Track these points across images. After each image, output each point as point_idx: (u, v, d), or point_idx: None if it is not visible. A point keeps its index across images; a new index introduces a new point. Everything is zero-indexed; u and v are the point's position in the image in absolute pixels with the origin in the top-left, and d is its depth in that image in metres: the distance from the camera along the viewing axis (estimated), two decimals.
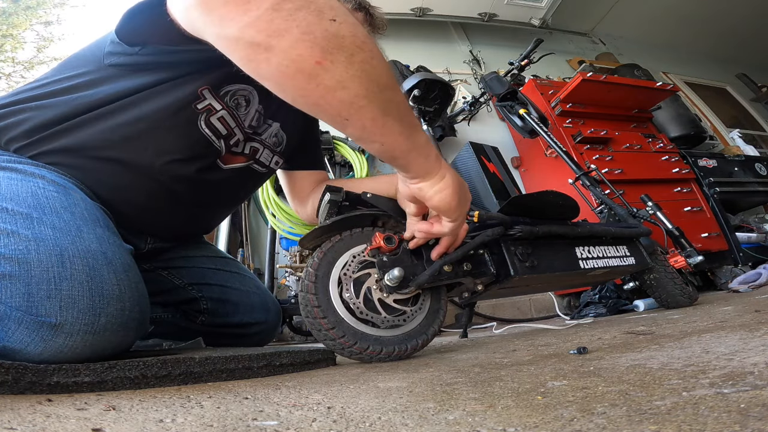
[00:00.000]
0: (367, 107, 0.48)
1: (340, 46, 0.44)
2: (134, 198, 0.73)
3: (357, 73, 0.45)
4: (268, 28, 0.42)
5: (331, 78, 0.45)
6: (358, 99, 0.47)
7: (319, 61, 0.44)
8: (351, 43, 0.45)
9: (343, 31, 0.44)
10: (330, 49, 0.44)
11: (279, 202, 2.09)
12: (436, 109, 2.15)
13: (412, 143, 0.55)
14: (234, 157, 0.83)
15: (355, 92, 0.46)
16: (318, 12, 0.43)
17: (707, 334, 0.56)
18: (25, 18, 3.22)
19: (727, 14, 4.20)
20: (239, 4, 0.42)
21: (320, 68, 0.44)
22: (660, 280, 1.15)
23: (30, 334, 0.46)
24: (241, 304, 0.96)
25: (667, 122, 2.90)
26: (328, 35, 0.43)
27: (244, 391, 0.45)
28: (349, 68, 0.45)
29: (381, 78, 0.48)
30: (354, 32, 0.45)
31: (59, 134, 0.66)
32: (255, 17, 0.42)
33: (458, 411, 0.31)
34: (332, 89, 0.45)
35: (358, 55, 0.45)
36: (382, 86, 0.48)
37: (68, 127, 0.67)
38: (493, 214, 0.80)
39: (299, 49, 0.43)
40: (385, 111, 0.49)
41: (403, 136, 0.53)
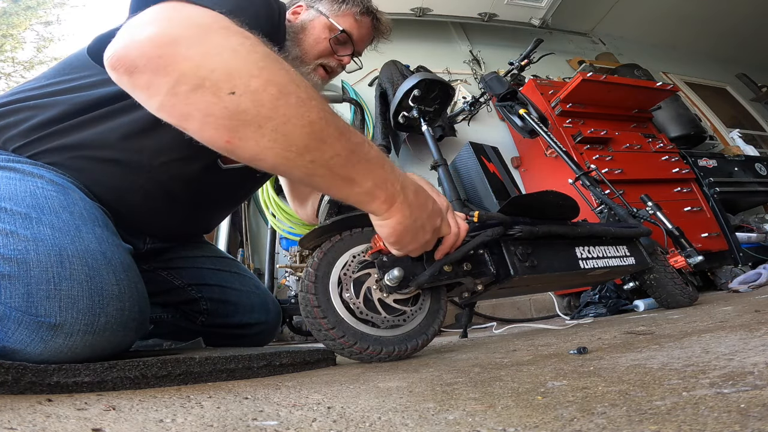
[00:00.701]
0: (289, 173, 0.49)
1: (245, 121, 0.43)
2: (132, 198, 0.73)
3: (270, 145, 0.45)
4: (173, 112, 0.44)
5: (245, 152, 0.45)
6: (277, 168, 0.48)
7: (228, 140, 0.44)
8: (256, 115, 0.43)
9: (244, 104, 0.43)
10: (235, 127, 0.43)
11: (279, 202, 2.09)
12: (436, 109, 2.15)
13: (346, 194, 0.54)
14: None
15: (272, 162, 0.46)
16: (215, 89, 0.42)
17: (707, 334, 0.56)
18: (25, 18, 3.22)
19: (727, 14, 4.20)
20: (143, 89, 0.44)
21: (232, 146, 0.45)
22: (660, 280, 1.15)
23: (30, 334, 0.46)
24: (240, 305, 0.96)
25: (667, 122, 2.90)
26: (228, 113, 0.43)
27: (244, 391, 0.45)
28: (261, 141, 0.44)
29: (299, 142, 0.46)
30: (258, 100, 0.43)
31: (57, 134, 0.66)
32: (159, 103, 0.44)
33: (458, 411, 0.31)
34: (251, 161, 0.47)
35: (267, 124, 0.44)
36: (301, 150, 0.46)
37: (66, 127, 0.67)
38: (493, 214, 0.80)
39: (207, 132, 0.44)
40: (309, 173, 0.49)
41: (333, 190, 0.53)
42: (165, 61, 0.42)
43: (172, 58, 0.42)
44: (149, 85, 0.43)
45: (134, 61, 0.43)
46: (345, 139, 0.50)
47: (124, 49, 0.44)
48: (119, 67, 0.44)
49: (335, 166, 0.50)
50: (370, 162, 0.54)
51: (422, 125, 1.98)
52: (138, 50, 0.43)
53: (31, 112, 0.67)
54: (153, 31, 0.43)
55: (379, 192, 0.56)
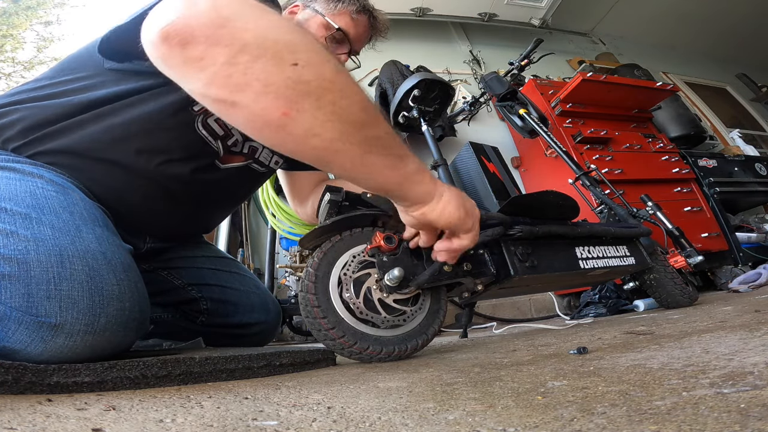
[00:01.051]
0: (344, 150, 0.47)
1: (306, 92, 0.43)
2: (131, 198, 0.73)
3: (327, 118, 0.44)
4: (227, 83, 0.41)
5: (300, 127, 0.44)
6: (332, 143, 0.45)
7: (286, 112, 0.43)
8: (317, 87, 0.43)
9: (306, 76, 0.43)
10: (295, 98, 0.42)
11: (279, 202, 2.09)
12: (436, 109, 2.15)
13: (402, 175, 0.53)
14: (233, 156, 0.83)
15: (328, 137, 0.45)
16: (277, 59, 0.42)
17: (707, 334, 0.56)
18: (26, 18, 3.22)
19: (727, 14, 4.20)
20: (194, 62, 0.41)
21: (287, 119, 0.43)
22: (660, 280, 1.15)
23: (30, 334, 0.46)
24: (240, 304, 0.96)
25: (667, 122, 2.90)
26: (290, 83, 0.42)
27: (244, 391, 0.45)
28: (318, 114, 0.44)
29: (355, 117, 0.46)
30: (319, 73, 0.43)
31: (56, 135, 0.66)
32: (212, 74, 0.41)
33: (458, 411, 0.31)
34: (303, 138, 0.44)
35: (326, 96, 0.43)
36: (357, 125, 0.46)
37: (64, 127, 0.67)
38: (493, 214, 0.80)
39: (263, 103, 0.42)
40: (365, 150, 0.48)
41: (389, 169, 0.52)
42: (227, 32, 0.41)
43: (234, 30, 0.41)
44: (203, 56, 0.41)
45: (194, 31, 0.41)
46: (387, 122, 0.51)
47: (183, 19, 0.41)
48: (174, 37, 0.41)
49: (390, 143, 0.50)
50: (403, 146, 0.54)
51: (422, 125, 1.98)
52: (198, 21, 0.41)
53: (30, 112, 0.67)
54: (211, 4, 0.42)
55: (425, 168, 0.56)
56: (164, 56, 0.43)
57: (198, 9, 0.41)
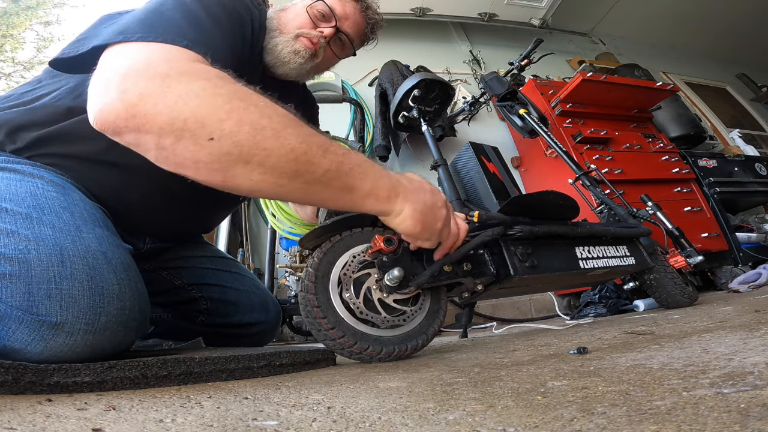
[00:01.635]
0: (289, 194, 0.52)
1: (232, 162, 0.46)
2: (132, 198, 0.73)
3: (260, 177, 0.48)
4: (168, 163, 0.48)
5: (242, 188, 0.49)
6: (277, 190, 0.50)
7: (223, 180, 0.48)
8: (239, 155, 0.46)
9: (225, 147, 0.46)
10: (225, 168, 0.46)
11: (279, 202, 2.09)
12: (436, 109, 2.15)
13: (350, 201, 0.57)
14: None
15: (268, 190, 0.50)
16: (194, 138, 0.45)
17: (707, 334, 0.56)
18: (25, 18, 3.22)
19: (726, 14, 4.20)
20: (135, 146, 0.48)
21: (230, 184, 0.48)
22: (660, 280, 1.15)
23: (30, 333, 0.46)
24: (240, 304, 0.96)
25: (667, 122, 2.90)
26: (214, 158, 0.46)
27: (244, 391, 0.45)
28: (252, 175, 0.48)
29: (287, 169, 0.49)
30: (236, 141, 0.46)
31: (50, 139, 0.66)
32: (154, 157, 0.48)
33: (458, 411, 0.31)
34: (251, 191, 0.50)
35: (253, 159, 0.47)
36: (290, 174, 0.49)
37: (58, 132, 0.66)
38: (493, 214, 0.80)
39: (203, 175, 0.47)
40: (306, 192, 0.52)
41: (333, 201, 0.56)
42: (141, 120, 0.45)
43: (145, 116, 0.45)
44: (138, 142, 0.47)
45: (115, 123, 0.46)
46: (331, 154, 0.53)
47: (101, 113, 0.46)
48: (107, 129, 0.47)
49: (330, 180, 0.53)
50: (360, 166, 0.56)
51: (422, 125, 1.98)
52: (113, 114, 0.46)
53: (26, 115, 0.66)
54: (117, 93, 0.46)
55: (379, 190, 0.58)
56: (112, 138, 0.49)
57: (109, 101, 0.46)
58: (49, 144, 0.66)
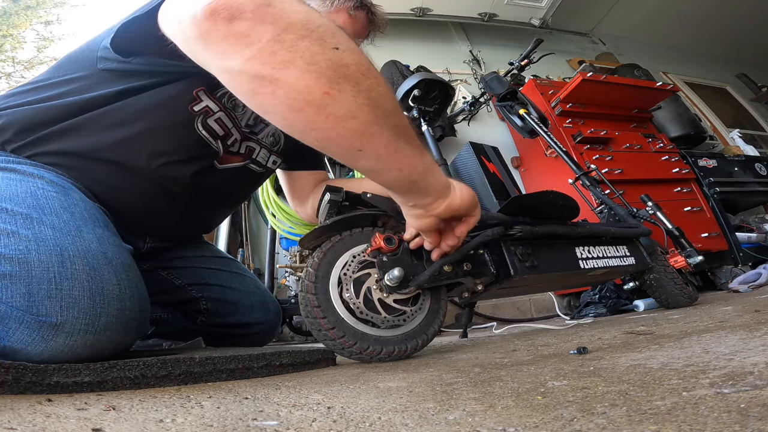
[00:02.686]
0: (379, 134, 0.47)
1: (346, 75, 0.43)
2: (131, 199, 0.73)
3: (365, 101, 0.45)
4: (271, 60, 0.41)
5: (340, 108, 0.44)
6: (369, 126, 0.46)
7: (327, 91, 0.43)
8: (356, 71, 0.44)
9: (347, 59, 0.44)
10: (336, 79, 0.43)
11: (279, 202, 2.09)
12: (436, 109, 2.15)
13: (425, 164, 0.54)
14: (230, 157, 0.83)
15: (365, 120, 0.45)
16: (320, 41, 0.43)
17: (707, 334, 0.56)
18: (25, 18, 3.22)
19: (727, 14, 4.20)
20: (240, 37, 0.41)
21: (329, 98, 0.43)
22: (660, 280, 1.15)
23: (31, 333, 0.46)
24: (240, 304, 0.96)
25: (667, 122, 2.90)
26: (332, 64, 0.43)
27: (244, 391, 0.45)
28: (357, 96, 0.44)
29: (387, 104, 0.47)
30: (357, 59, 0.45)
31: (54, 136, 0.66)
32: (257, 50, 0.41)
33: (458, 411, 0.31)
34: (342, 119, 0.44)
35: (364, 82, 0.45)
36: (389, 112, 0.47)
37: (63, 129, 0.66)
38: (493, 214, 0.80)
39: (306, 80, 0.42)
40: (397, 136, 0.49)
41: (416, 158, 0.53)
42: (273, 11, 0.42)
43: (280, 10, 0.42)
44: (250, 32, 0.41)
45: (242, 6, 0.41)
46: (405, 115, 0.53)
47: None
48: (222, 11, 0.41)
49: (411, 133, 0.52)
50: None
51: (422, 125, 1.98)
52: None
53: (27, 114, 0.66)
54: None
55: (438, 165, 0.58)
56: (205, 32, 0.42)
57: None
58: (53, 140, 0.66)
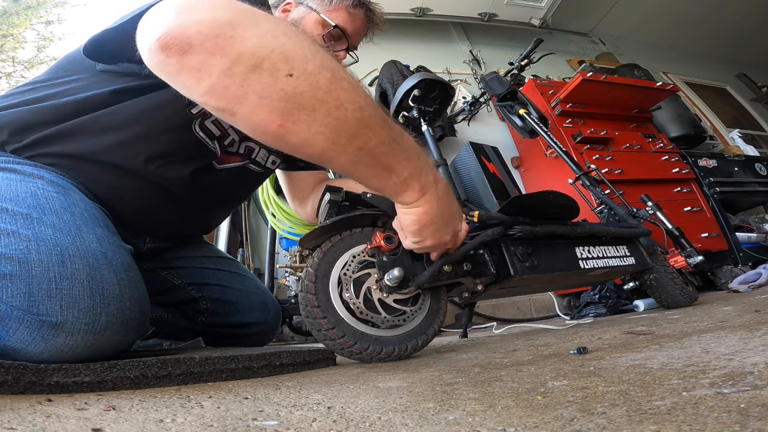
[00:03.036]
0: (335, 159, 0.48)
1: (300, 104, 0.43)
2: (131, 199, 0.73)
3: (321, 130, 0.45)
4: (225, 95, 0.42)
5: (295, 138, 0.45)
6: (325, 153, 0.47)
7: (281, 124, 0.43)
8: (311, 99, 0.43)
9: (301, 87, 0.43)
10: (290, 111, 0.43)
11: (279, 202, 2.09)
12: (436, 109, 2.15)
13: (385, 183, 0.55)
14: (229, 157, 0.83)
15: (321, 147, 0.46)
16: (272, 70, 0.42)
17: (707, 334, 0.56)
18: (26, 18, 3.22)
19: (726, 14, 4.20)
20: (192, 72, 0.41)
21: (284, 131, 0.44)
22: (660, 280, 1.15)
23: (31, 333, 0.46)
24: (240, 304, 0.96)
25: (667, 122, 2.90)
26: (285, 95, 0.42)
27: (244, 391, 0.45)
28: (313, 126, 0.44)
29: (347, 127, 0.46)
30: (314, 84, 0.43)
31: (51, 139, 0.66)
32: (209, 85, 0.42)
33: (458, 411, 0.31)
34: (299, 146, 0.46)
35: (321, 109, 0.44)
36: (349, 135, 0.47)
37: (59, 132, 0.66)
38: (493, 214, 0.80)
39: (260, 115, 0.43)
40: (355, 160, 0.49)
41: (375, 179, 0.54)
42: (223, 42, 0.41)
43: (230, 39, 0.41)
44: (201, 66, 0.41)
45: (190, 39, 0.40)
46: (388, 127, 0.51)
47: (179, 28, 0.41)
48: (172, 46, 0.41)
49: (379, 154, 0.51)
50: (408, 151, 0.54)
51: (422, 125, 1.98)
52: (195, 29, 0.41)
53: (25, 114, 0.66)
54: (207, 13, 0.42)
55: (414, 182, 0.57)
56: (161, 64, 0.43)
57: (197, 17, 0.41)
58: (51, 143, 0.66)
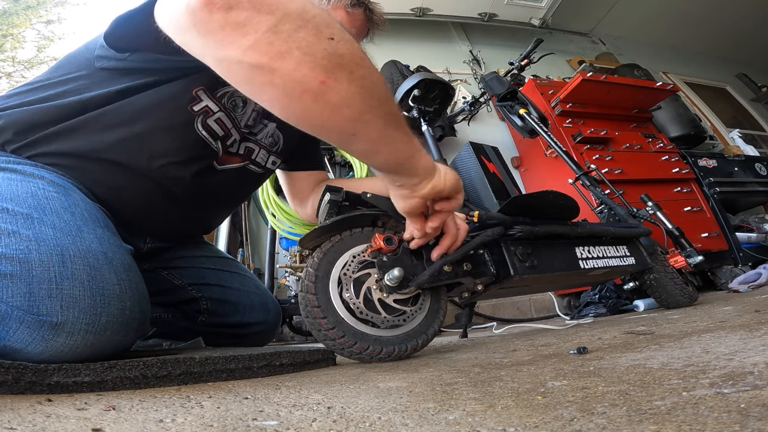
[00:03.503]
0: (372, 121, 0.49)
1: (341, 65, 0.45)
2: (132, 199, 0.73)
3: (359, 90, 0.47)
4: (269, 50, 0.42)
5: (336, 96, 0.45)
6: (362, 114, 0.48)
7: (323, 80, 0.44)
8: (350, 61, 0.46)
9: (341, 49, 0.45)
10: (332, 68, 0.44)
11: (279, 202, 2.09)
12: (436, 109, 2.15)
13: (414, 148, 0.57)
14: (230, 157, 0.83)
15: (359, 108, 0.47)
16: (316, 31, 0.44)
17: (707, 334, 0.56)
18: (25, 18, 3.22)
19: (726, 14, 4.20)
20: (237, 27, 0.42)
21: (325, 87, 0.44)
22: (660, 280, 1.15)
23: (31, 333, 0.46)
24: (240, 304, 0.96)
25: (667, 122, 2.90)
26: (328, 54, 0.44)
27: (244, 391, 0.45)
28: (352, 85, 0.46)
29: (380, 92, 0.49)
30: (351, 49, 0.46)
31: (53, 137, 0.66)
32: (254, 40, 0.42)
33: (458, 411, 0.31)
34: (338, 107, 0.46)
35: (358, 71, 0.46)
36: (382, 100, 0.50)
37: (61, 129, 0.66)
38: (493, 214, 0.80)
39: (303, 70, 0.43)
40: (388, 122, 0.51)
41: (405, 143, 0.56)
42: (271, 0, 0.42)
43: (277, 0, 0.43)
44: (247, 22, 0.41)
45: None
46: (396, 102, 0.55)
47: None
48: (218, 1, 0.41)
49: (401, 119, 0.54)
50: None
51: (422, 125, 1.98)
52: None
53: (27, 114, 0.66)
54: None
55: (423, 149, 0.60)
56: (201, 22, 0.42)
57: None
58: (52, 141, 0.66)
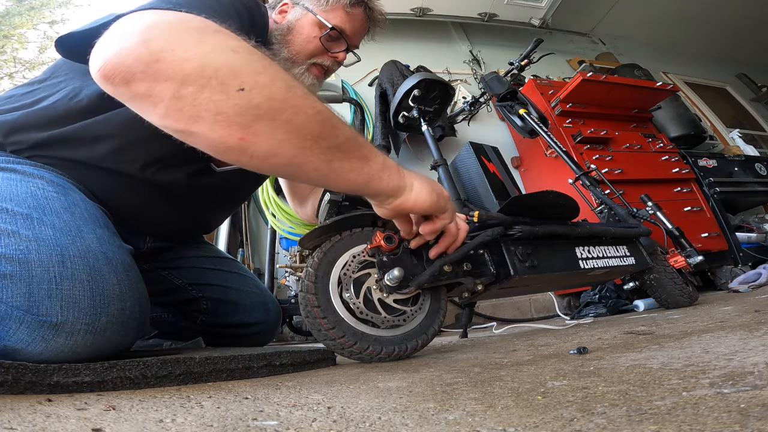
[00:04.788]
0: (308, 161, 0.48)
1: (258, 116, 0.43)
2: (131, 199, 0.73)
3: (285, 136, 0.44)
4: (181, 116, 0.42)
5: (260, 149, 0.44)
6: (294, 159, 0.46)
7: (242, 137, 0.43)
8: (269, 108, 0.43)
9: (255, 99, 0.42)
10: (248, 123, 0.42)
11: (279, 202, 2.09)
12: (436, 109, 2.15)
13: (367, 175, 0.54)
14: None
15: (289, 154, 0.46)
16: (222, 87, 0.41)
17: (707, 334, 0.56)
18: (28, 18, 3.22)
19: (726, 14, 4.20)
20: (144, 98, 0.42)
21: (245, 143, 0.43)
22: (660, 280, 1.15)
23: (31, 333, 0.46)
24: (240, 304, 0.96)
25: (667, 122, 2.90)
26: (240, 110, 0.42)
27: (244, 391, 0.45)
28: (276, 133, 0.44)
29: (314, 129, 0.46)
30: (268, 94, 0.43)
31: (49, 143, 0.65)
32: (165, 108, 0.41)
33: (458, 411, 0.31)
34: (266, 157, 0.45)
35: (281, 116, 0.44)
36: (317, 137, 0.47)
37: (56, 137, 0.65)
38: (493, 214, 0.80)
39: (218, 131, 0.42)
40: (330, 157, 0.49)
41: (353, 173, 0.53)
42: (165, 65, 0.40)
43: (172, 62, 0.40)
44: (150, 92, 0.41)
45: (130, 68, 0.40)
46: (347, 127, 0.52)
47: (117, 57, 0.41)
48: (115, 76, 0.41)
49: (350, 148, 0.51)
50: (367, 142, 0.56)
51: (422, 125, 1.98)
52: (133, 56, 0.40)
53: (26, 118, 0.66)
54: (145, 36, 0.41)
55: (390, 164, 0.57)
56: (114, 93, 0.43)
57: (132, 43, 0.41)
58: (49, 147, 0.66)
